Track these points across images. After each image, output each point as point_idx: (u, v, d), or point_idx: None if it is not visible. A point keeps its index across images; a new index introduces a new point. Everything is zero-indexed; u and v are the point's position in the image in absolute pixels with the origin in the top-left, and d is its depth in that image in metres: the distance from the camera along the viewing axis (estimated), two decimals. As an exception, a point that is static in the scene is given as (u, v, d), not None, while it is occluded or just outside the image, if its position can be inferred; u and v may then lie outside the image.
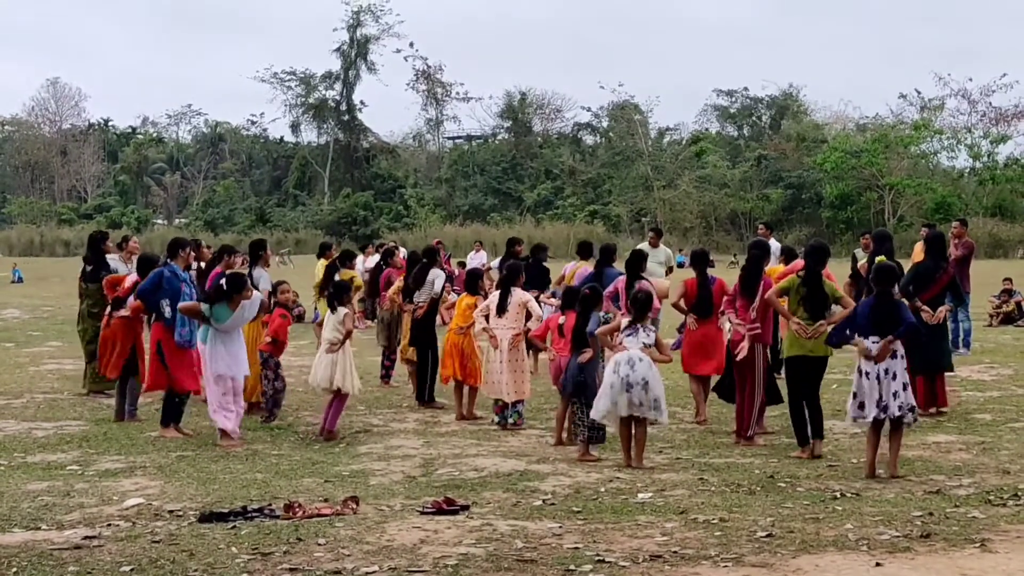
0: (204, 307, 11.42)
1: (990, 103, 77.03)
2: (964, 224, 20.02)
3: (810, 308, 10.59)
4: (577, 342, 10.99)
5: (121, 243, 16.47)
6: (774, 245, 20.15)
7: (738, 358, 11.11)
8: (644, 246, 17.59)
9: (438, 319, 14.51)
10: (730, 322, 11.44)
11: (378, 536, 7.66)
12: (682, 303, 12.68)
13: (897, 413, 9.62)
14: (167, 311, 11.77)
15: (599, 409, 10.24)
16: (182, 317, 11.65)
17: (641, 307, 10.42)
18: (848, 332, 9.91)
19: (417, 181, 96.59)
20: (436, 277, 14.22)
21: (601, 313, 11.43)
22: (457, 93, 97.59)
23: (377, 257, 18.47)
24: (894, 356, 9.64)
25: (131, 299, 12.77)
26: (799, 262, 11.70)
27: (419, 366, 13.95)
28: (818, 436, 10.68)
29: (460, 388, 12.92)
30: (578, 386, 10.80)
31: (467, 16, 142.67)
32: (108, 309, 13.35)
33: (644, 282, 12.88)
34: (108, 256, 15.04)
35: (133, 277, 13.18)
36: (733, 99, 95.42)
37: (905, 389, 9.67)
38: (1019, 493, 8.91)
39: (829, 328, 10.39)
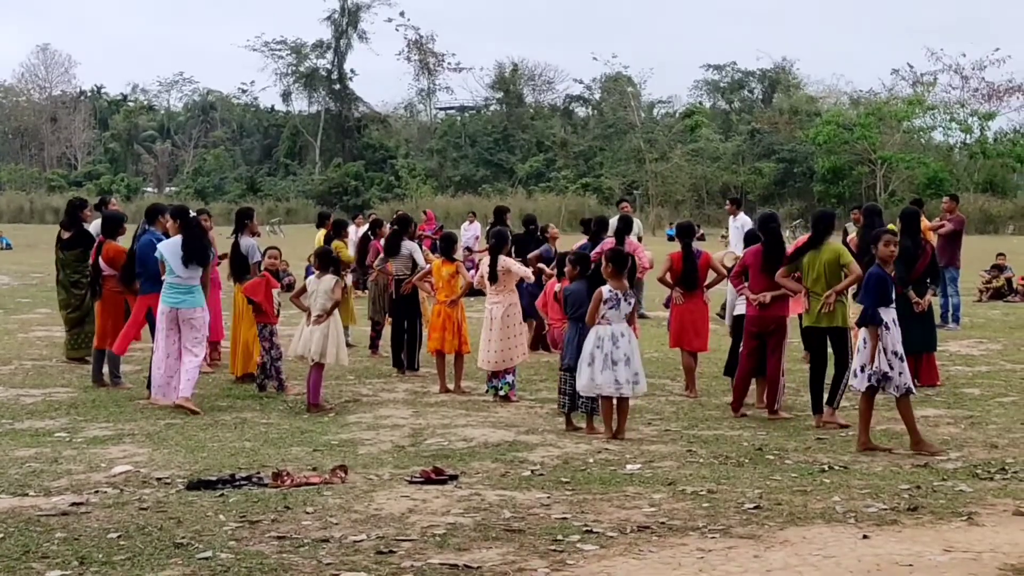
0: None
1: (982, 78, 77.02)
2: (955, 199, 20.03)
3: (820, 278, 10.62)
4: (569, 309, 10.93)
5: (98, 205, 16.44)
6: (743, 219, 20.25)
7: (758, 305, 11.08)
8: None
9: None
10: (747, 295, 11.33)
11: (366, 505, 7.67)
12: (668, 277, 12.66)
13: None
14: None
15: (582, 384, 10.20)
16: (169, 283, 11.60)
17: (617, 262, 10.31)
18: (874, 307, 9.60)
19: (408, 151, 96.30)
20: (412, 251, 14.18)
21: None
22: (449, 63, 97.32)
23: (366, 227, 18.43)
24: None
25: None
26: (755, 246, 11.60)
27: (407, 335, 13.97)
28: (829, 403, 10.76)
29: (443, 360, 12.85)
30: (572, 356, 10.65)
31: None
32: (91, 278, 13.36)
33: (629, 245, 12.87)
34: (87, 224, 14.96)
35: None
36: (723, 73, 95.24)
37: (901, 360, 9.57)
38: (1006, 467, 8.95)
39: (834, 297, 10.47)
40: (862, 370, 9.49)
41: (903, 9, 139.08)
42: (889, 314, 9.50)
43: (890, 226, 13.41)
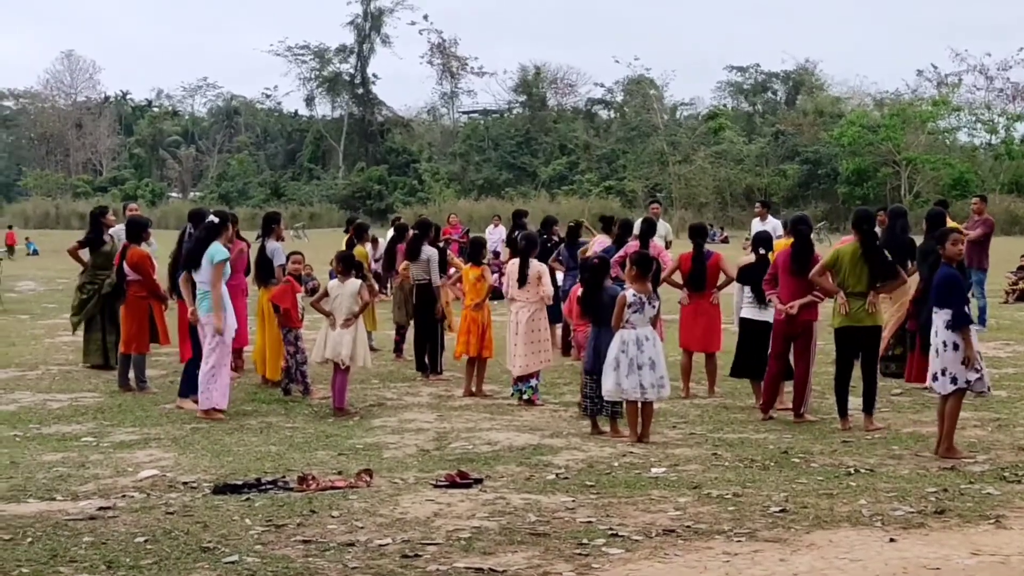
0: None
1: (1007, 78, 76.61)
2: (984, 200, 19.86)
3: (868, 276, 10.59)
4: (587, 313, 10.93)
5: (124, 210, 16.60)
6: (773, 222, 20.21)
7: (788, 315, 11.04)
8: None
9: (452, 293, 14.48)
10: (775, 303, 11.27)
11: (391, 509, 7.68)
12: (676, 277, 12.64)
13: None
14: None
15: (607, 388, 10.19)
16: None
17: (642, 265, 10.30)
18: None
19: (432, 155, 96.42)
20: (431, 256, 14.14)
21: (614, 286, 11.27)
22: (471, 67, 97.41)
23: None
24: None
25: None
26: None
27: (431, 339, 13.98)
28: (867, 411, 10.68)
29: (472, 364, 12.88)
30: (596, 360, 10.64)
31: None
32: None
33: (654, 248, 12.86)
34: (112, 229, 15.07)
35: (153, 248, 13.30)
36: (747, 75, 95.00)
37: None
38: (1034, 470, 8.88)
39: (879, 298, 10.53)
40: (943, 373, 9.36)
41: (928, 9, 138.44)
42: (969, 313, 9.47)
43: (951, 224, 13.31)
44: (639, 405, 10.17)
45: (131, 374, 12.89)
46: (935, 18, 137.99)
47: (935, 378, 9.49)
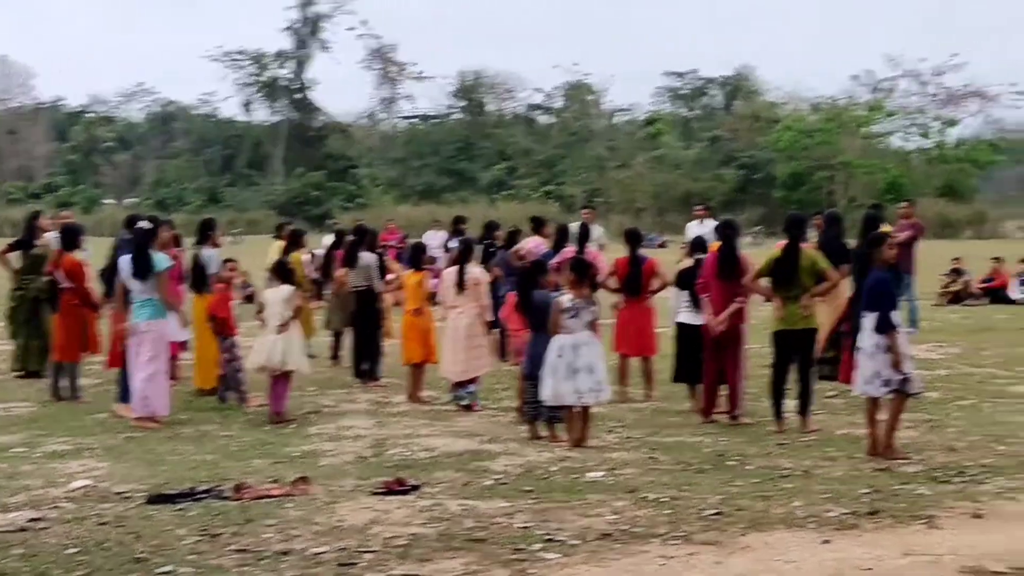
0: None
1: (941, 84, 77.74)
2: (912, 204, 20.15)
3: (796, 281, 10.69)
4: (523, 318, 10.93)
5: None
6: (712, 225, 20.33)
7: (716, 332, 11.12)
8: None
9: (392, 298, 14.43)
10: (706, 314, 11.35)
11: (328, 517, 7.64)
12: (611, 282, 12.71)
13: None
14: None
15: (545, 393, 10.18)
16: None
17: (578, 270, 10.33)
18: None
19: (371, 161, 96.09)
20: (369, 262, 14.10)
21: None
22: (410, 72, 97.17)
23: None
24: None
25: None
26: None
27: (369, 345, 13.93)
28: (803, 413, 10.79)
29: (416, 370, 12.83)
30: (534, 366, 10.64)
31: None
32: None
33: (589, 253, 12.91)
34: (46, 235, 14.86)
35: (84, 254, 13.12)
36: (684, 80, 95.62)
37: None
38: (964, 470, 9.02)
39: (813, 301, 10.70)
40: (875, 376, 9.45)
41: (864, 15, 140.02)
42: (897, 317, 9.57)
43: (884, 227, 13.48)
44: (577, 410, 10.19)
45: (63, 383, 12.72)
46: (872, 23, 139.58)
47: (867, 381, 9.59)
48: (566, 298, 10.19)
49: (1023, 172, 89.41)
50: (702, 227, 20.34)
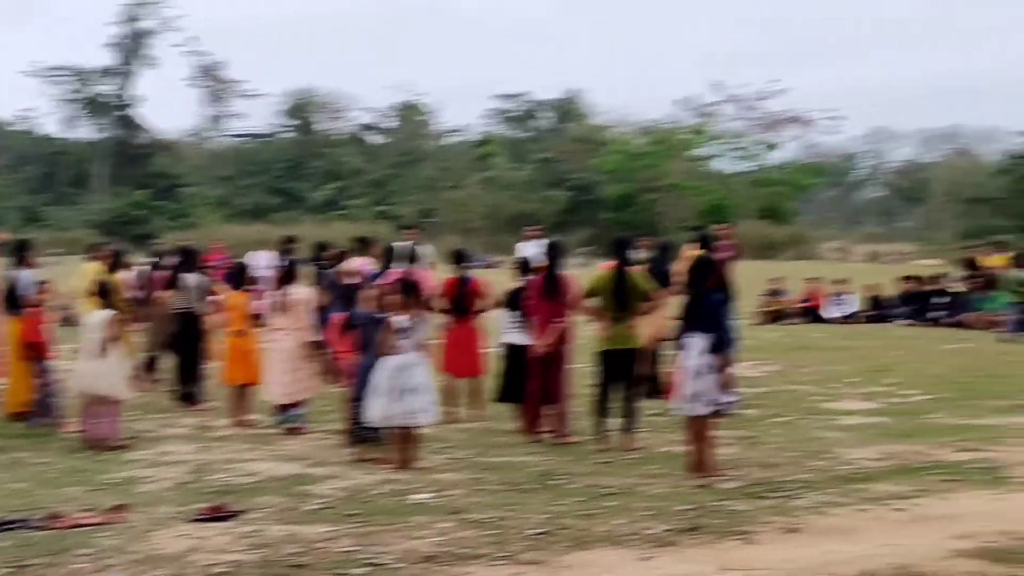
0: None
1: (762, 109, 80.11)
2: (732, 226, 20.70)
3: (621, 302, 10.84)
4: (351, 338, 10.85)
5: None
6: (542, 245, 20.54)
7: (539, 351, 11.22)
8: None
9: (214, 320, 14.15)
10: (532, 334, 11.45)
11: (145, 545, 7.45)
12: (439, 302, 12.76)
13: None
14: None
15: (374, 414, 10.11)
16: None
17: (407, 290, 10.33)
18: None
19: (198, 179, 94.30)
20: (193, 284, 13.85)
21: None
22: (240, 90, 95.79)
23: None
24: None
25: None
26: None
27: (191, 369, 13.64)
28: (627, 431, 10.92)
29: (239, 392, 12.61)
30: (362, 387, 10.54)
31: (251, 13, 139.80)
32: None
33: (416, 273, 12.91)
34: None
35: None
36: (515, 103, 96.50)
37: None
38: (781, 486, 9.27)
39: (636, 323, 10.94)
40: (699, 396, 9.56)
41: (690, 40, 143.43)
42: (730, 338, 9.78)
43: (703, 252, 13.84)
44: (405, 431, 10.15)
45: None
46: (697, 48, 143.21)
47: (689, 400, 9.75)
48: (401, 318, 10.17)
49: (839, 194, 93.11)
50: (533, 248, 20.52)
